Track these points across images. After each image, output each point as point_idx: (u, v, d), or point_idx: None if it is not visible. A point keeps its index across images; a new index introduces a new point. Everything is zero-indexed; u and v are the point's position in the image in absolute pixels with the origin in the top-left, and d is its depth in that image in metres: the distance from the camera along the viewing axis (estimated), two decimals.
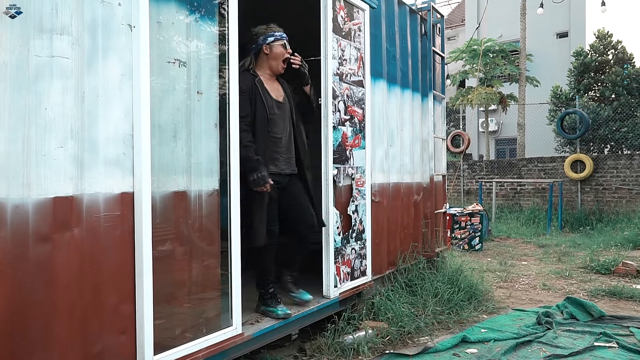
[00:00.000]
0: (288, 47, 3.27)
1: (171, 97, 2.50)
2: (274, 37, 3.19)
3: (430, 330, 3.94)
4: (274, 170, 3.18)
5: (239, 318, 2.84)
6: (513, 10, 18.21)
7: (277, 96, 3.23)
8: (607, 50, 15.46)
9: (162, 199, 2.45)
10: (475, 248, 8.32)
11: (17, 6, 1.93)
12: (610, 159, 11.51)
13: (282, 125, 3.22)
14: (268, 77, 3.26)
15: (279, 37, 3.21)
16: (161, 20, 2.45)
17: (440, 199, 5.62)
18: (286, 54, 3.22)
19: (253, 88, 3.11)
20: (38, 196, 1.98)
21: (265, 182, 3.01)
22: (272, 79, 3.29)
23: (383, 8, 4.50)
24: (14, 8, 1.92)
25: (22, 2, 1.95)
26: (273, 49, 3.19)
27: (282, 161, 3.24)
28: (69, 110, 2.07)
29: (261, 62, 3.25)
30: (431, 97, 5.37)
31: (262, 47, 3.20)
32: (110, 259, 2.22)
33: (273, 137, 3.17)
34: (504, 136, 21.66)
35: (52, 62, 2.02)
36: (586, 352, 3.54)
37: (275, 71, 3.26)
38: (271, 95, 3.18)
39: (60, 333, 2.04)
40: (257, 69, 3.24)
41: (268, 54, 3.20)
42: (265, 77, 3.24)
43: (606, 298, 5.13)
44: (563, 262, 7.10)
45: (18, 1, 1.94)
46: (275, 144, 3.19)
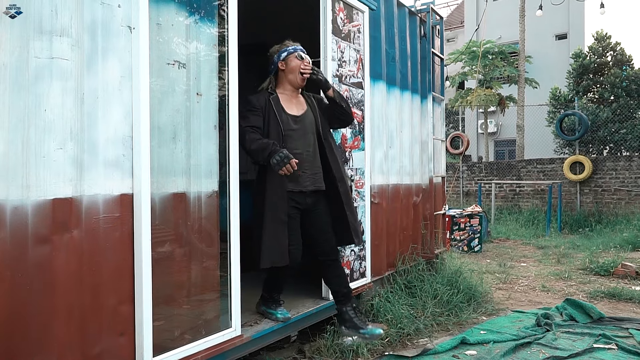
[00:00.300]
0: (305, 57, 3.13)
1: (171, 99, 2.50)
2: (287, 51, 3.10)
3: (430, 331, 3.94)
4: (293, 188, 2.99)
5: (238, 320, 2.84)
6: (512, 12, 18.25)
7: (295, 111, 3.08)
8: (606, 52, 15.50)
9: (162, 201, 2.45)
10: (475, 249, 8.32)
11: (17, 6, 1.93)
12: (609, 160, 11.53)
13: (303, 141, 3.05)
14: (290, 94, 3.12)
15: (292, 51, 3.10)
16: (161, 22, 2.45)
17: (440, 200, 5.62)
18: (302, 65, 3.09)
19: (266, 105, 3.00)
20: (37, 198, 1.98)
21: (289, 158, 2.80)
22: (295, 94, 3.15)
23: (382, 10, 4.51)
24: (14, 8, 1.92)
25: (21, 4, 1.95)
26: (288, 63, 3.09)
27: (304, 178, 3.03)
28: (69, 112, 2.07)
29: (280, 80, 3.14)
30: (430, 98, 5.38)
31: (278, 65, 3.11)
32: (109, 261, 2.21)
33: (294, 153, 2.94)
34: (503, 138, 21.68)
35: (52, 63, 2.02)
36: (585, 353, 3.54)
37: (295, 85, 3.11)
38: (287, 111, 3.04)
39: (59, 334, 2.04)
40: (278, 88, 3.13)
41: (284, 69, 3.10)
42: (286, 94, 3.11)
43: (605, 299, 5.13)
44: (562, 264, 7.11)
45: (18, 2, 1.94)
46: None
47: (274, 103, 3.01)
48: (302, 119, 3.08)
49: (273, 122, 2.97)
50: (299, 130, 3.04)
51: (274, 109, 2.99)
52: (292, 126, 3.02)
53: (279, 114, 2.98)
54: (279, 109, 3.01)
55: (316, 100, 3.22)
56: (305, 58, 3.12)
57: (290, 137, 3.00)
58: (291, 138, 3.00)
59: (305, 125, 3.08)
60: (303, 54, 3.11)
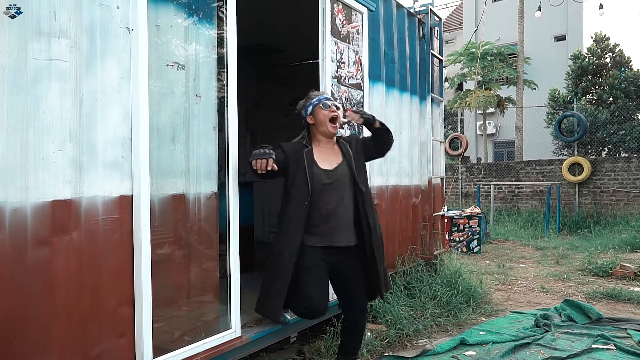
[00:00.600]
0: (332, 104, 2.96)
1: (169, 100, 2.50)
2: (311, 105, 2.96)
3: (429, 332, 3.95)
4: (321, 243, 2.84)
5: (238, 321, 2.84)
6: (511, 13, 18.29)
7: (328, 165, 2.92)
8: (605, 53, 15.53)
9: (161, 202, 2.45)
10: (474, 251, 8.32)
11: (17, 6, 1.93)
12: (608, 161, 11.54)
13: (336, 194, 2.88)
14: (325, 145, 2.98)
15: (316, 103, 2.96)
16: (159, 23, 2.45)
17: (439, 201, 5.63)
18: (330, 114, 2.93)
19: (297, 156, 2.86)
20: (36, 199, 1.98)
21: (270, 155, 2.67)
22: (330, 144, 3.01)
23: (381, 11, 4.52)
24: (14, 8, 1.92)
25: (20, 5, 1.95)
26: (316, 117, 2.95)
27: (336, 233, 2.87)
28: (68, 113, 2.07)
29: (313, 133, 3.00)
30: (429, 100, 5.38)
31: (307, 120, 2.98)
32: (109, 262, 2.21)
33: (323, 208, 2.83)
34: (502, 139, 21.70)
35: (51, 65, 2.02)
36: (584, 354, 3.54)
37: (328, 135, 2.97)
38: (319, 165, 2.88)
39: (59, 336, 2.04)
40: (313, 141, 2.99)
41: (314, 123, 2.96)
42: (321, 147, 2.96)
43: (604, 300, 5.13)
44: (561, 265, 7.11)
45: (16, 3, 1.94)
46: (326, 216, 2.85)
47: (306, 156, 2.86)
48: (336, 171, 2.92)
49: (301, 176, 2.82)
50: (332, 184, 2.88)
51: (304, 163, 2.84)
52: (323, 181, 2.86)
53: (309, 169, 2.83)
54: (310, 162, 2.85)
55: (351, 147, 3.05)
56: (332, 105, 2.96)
57: (322, 192, 2.85)
58: (323, 193, 2.85)
59: (339, 178, 2.91)
60: (329, 102, 2.97)
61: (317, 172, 2.85)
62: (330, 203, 2.86)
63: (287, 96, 7.03)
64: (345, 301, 3.03)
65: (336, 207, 2.86)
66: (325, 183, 2.86)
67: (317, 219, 2.83)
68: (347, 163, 2.96)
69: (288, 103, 7.06)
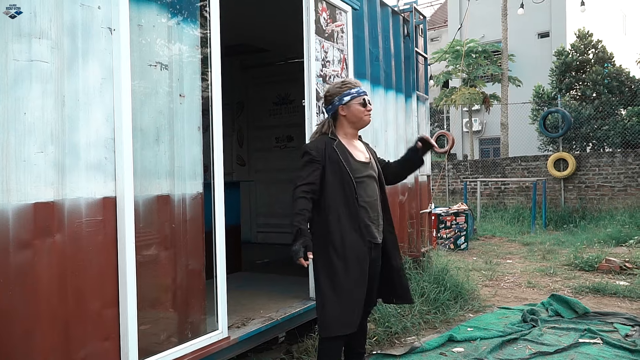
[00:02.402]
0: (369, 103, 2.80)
1: (153, 101, 2.49)
2: (350, 95, 2.75)
3: (417, 330, 3.96)
4: (371, 239, 2.71)
5: (224, 321, 2.82)
6: (495, 11, 18.41)
7: (362, 157, 2.79)
8: (588, 49, 15.69)
9: (145, 203, 2.43)
10: (461, 247, 8.38)
11: (17, 6, 1.90)
12: (593, 157, 11.68)
13: (372, 188, 2.76)
14: (350, 138, 2.82)
15: (355, 95, 2.76)
16: (142, 23, 2.43)
17: (425, 199, 5.65)
18: (367, 113, 2.79)
19: (330, 154, 2.68)
20: (18, 202, 1.96)
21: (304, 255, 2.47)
22: (355, 138, 2.86)
23: (365, 10, 4.52)
24: (13, 8, 1.90)
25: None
26: (351, 109, 2.76)
27: (373, 228, 2.73)
28: (49, 115, 2.05)
29: (340, 124, 2.81)
30: (415, 97, 5.40)
31: (338, 109, 2.78)
32: (93, 265, 2.19)
33: (365, 201, 2.69)
34: (488, 136, 21.86)
35: (31, 66, 2.00)
36: (571, 348, 3.58)
37: (359, 127, 2.85)
38: (355, 158, 2.74)
39: (42, 340, 2.02)
40: (338, 132, 2.80)
41: (345, 114, 2.77)
42: (347, 139, 2.80)
43: (590, 295, 5.19)
44: (547, 260, 7.19)
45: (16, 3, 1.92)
46: (368, 210, 2.71)
47: (339, 151, 2.69)
48: (369, 165, 2.80)
49: (340, 172, 2.65)
50: (368, 178, 2.76)
51: (340, 158, 2.67)
52: (362, 173, 2.72)
53: (346, 163, 2.67)
54: (345, 157, 2.69)
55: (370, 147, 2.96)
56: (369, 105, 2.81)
57: (361, 184, 2.69)
58: (362, 185, 2.70)
59: (371, 172, 2.79)
60: (368, 98, 2.81)
61: (355, 165, 2.71)
62: (371, 195, 2.74)
63: (272, 95, 7.02)
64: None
65: (376, 199, 2.77)
66: (363, 175, 2.73)
67: (363, 214, 2.69)
68: (373, 158, 2.88)
69: (274, 102, 7.07)
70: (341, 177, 2.65)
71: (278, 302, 3.64)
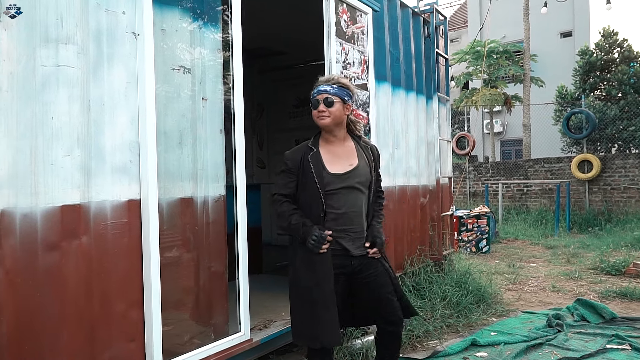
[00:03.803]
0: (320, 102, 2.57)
1: (176, 104, 2.51)
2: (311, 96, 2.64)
3: (440, 334, 3.92)
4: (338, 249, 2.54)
5: (247, 324, 2.83)
6: (516, 10, 18.19)
7: (339, 168, 2.58)
8: (613, 48, 15.39)
9: (169, 206, 2.45)
10: (483, 250, 8.28)
11: (17, 6, 1.92)
12: (618, 158, 11.44)
13: (350, 198, 2.57)
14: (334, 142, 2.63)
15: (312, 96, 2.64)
16: (165, 28, 2.46)
17: (447, 201, 5.60)
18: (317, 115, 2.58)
19: (305, 165, 2.55)
20: (46, 205, 1.99)
21: (324, 238, 2.45)
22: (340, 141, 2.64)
23: (386, 11, 4.50)
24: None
25: (27, 12, 1.96)
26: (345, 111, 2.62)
27: (347, 240, 2.57)
28: (75, 119, 2.08)
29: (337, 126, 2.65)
30: (435, 99, 5.36)
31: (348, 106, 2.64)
32: (118, 267, 2.22)
33: (337, 214, 2.54)
34: (509, 137, 21.58)
35: (58, 71, 2.04)
36: (598, 354, 3.51)
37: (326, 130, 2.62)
38: (328, 170, 2.55)
39: (69, 341, 2.05)
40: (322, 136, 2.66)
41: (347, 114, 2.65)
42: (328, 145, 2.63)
43: (617, 299, 5.08)
44: (572, 264, 7.05)
45: (23, 10, 1.95)
46: (337, 222, 2.54)
47: (312, 163, 2.54)
48: (349, 175, 2.58)
49: (310, 185, 2.53)
50: (345, 189, 2.56)
51: (312, 171, 2.53)
52: (337, 185, 2.55)
53: (317, 176, 2.52)
54: (318, 169, 2.54)
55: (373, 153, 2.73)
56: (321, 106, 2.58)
57: (333, 196, 2.54)
58: (336, 196, 2.55)
59: (351, 182, 2.58)
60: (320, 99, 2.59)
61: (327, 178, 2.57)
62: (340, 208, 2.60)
63: (292, 98, 7.04)
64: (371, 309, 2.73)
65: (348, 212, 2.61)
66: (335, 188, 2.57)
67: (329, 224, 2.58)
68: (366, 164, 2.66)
69: (293, 105, 7.09)
70: (310, 191, 2.53)
71: None
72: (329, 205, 2.54)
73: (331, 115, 2.55)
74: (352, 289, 2.63)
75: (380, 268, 2.66)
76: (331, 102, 2.55)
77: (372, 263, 2.64)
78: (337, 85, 2.60)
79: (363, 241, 2.61)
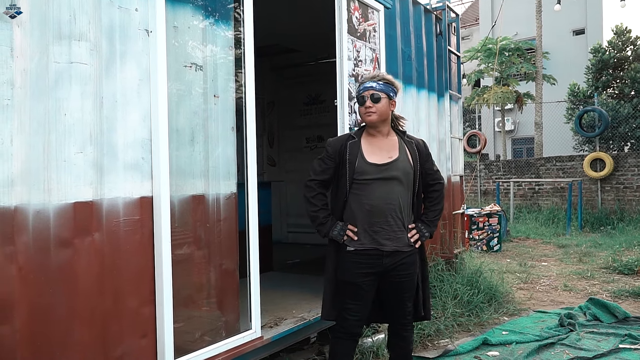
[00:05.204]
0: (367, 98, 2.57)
1: (188, 101, 2.51)
2: (357, 92, 2.66)
3: (451, 332, 3.90)
4: (368, 245, 2.53)
5: (258, 321, 2.83)
6: (528, 8, 18.04)
7: (377, 159, 2.56)
8: (626, 46, 15.23)
9: (181, 203, 2.45)
10: (494, 249, 8.22)
11: (17, 6, 1.92)
12: (631, 156, 11.30)
13: (385, 190, 2.54)
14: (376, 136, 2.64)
15: (358, 92, 2.65)
16: (177, 25, 2.46)
17: (458, 199, 5.56)
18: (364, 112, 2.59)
19: (343, 153, 2.58)
20: (59, 201, 2.00)
21: (343, 232, 2.54)
22: (382, 135, 2.64)
23: (398, 8, 4.48)
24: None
25: (40, 10, 1.97)
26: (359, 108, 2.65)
27: (382, 234, 2.53)
28: (88, 116, 2.09)
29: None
30: (447, 97, 5.33)
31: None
32: (130, 263, 2.23)
33: (367, 204, 2.53)
34: (521, 135, 21.42)
35: (71, 68, 2.04)
36: (611, 354, 3.47)
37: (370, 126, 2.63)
38: (366, 159, 2.55)
39: (81, 337, 2.06)
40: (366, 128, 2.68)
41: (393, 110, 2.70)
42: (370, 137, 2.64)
43: (630, 299, 5.02)
44: (584, 263, 6.98)
45: (37, 8, 1.96)
46: (371, 213, 2.53)
47: (350, 151, 2.57)
48: (387, 166, 2.55)
49: (344, 171, 2.56)
50: (381, 180, 2.54)
51: (347, 158, 2.55)
52: (371, 175, 2.53)
53: (349, 165, 2.54)
54: (353, 157, 2.55)
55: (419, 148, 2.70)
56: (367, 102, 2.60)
57: (364, 186, 2.54)
58: (367, 187, 2.54)
59: (389, 173, 2.54)
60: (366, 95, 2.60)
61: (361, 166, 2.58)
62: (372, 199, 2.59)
63: (303, 95, 7.03)
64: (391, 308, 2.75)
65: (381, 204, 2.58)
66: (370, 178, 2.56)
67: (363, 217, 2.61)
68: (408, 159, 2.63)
69: (304, 102, 7.08)
70: (343, 178, 2.58)
71: (310, 302, 3.63)
72: (360, 195, 2.55)
73: (377, 112, 2.57)
74: (380, 285, 2.63)
75: (413, 273, 2.62)
76: (378, 98, 2.57)
77: (406, 265, 2.59)
78: (383, 82, 2.62)
79: (398, 236, 2.56)
